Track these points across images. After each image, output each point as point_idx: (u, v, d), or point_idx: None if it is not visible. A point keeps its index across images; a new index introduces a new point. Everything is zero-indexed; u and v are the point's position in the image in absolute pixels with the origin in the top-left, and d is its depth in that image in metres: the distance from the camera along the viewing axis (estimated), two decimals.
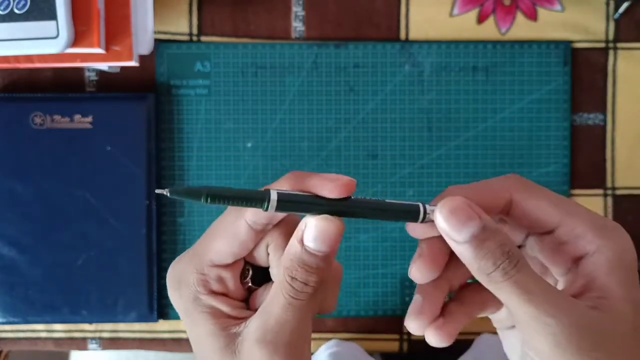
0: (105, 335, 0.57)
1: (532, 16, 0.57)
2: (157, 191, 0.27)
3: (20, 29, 0.47)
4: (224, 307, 0.30)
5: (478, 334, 0.56)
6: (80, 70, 0.56)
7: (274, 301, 0.28)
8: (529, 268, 0.26)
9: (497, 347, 0.55)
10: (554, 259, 0.29)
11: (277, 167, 0.56)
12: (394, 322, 0.58)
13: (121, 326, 0.57)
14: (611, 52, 0.57)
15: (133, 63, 0.50)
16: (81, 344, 0.57)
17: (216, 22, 0.56)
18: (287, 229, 0.30)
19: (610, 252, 0.27)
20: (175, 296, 0.31)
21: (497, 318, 0.32)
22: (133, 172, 0.54)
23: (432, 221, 0.28)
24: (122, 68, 0.55)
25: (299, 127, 0.56)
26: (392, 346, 0.58)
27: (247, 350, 0.28)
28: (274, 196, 0.27)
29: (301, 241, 0.28)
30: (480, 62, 0.56)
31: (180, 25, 0.56)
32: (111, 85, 0.56)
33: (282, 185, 0.28)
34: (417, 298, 0.30)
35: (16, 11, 0.47)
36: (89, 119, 0.54)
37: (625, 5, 0.56)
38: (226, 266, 0.30)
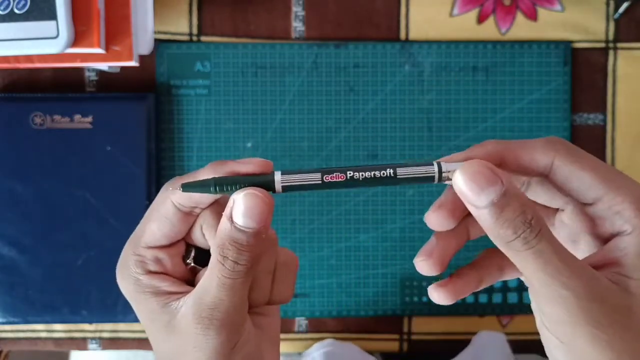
0: (105, 335, 0.57)
1: (532, 16, 0.57)
2: (171, 188, 0.28)
3: (20, 29, 0.47)
4: (164, 285, 0.30)
5: (476, 333, 0.56)
6: (80, 70, 0.56)
7: (209, 279, 0.28)
8: (550, 237, 0.25)
9: (495, 345, 0.55)
10: (590, 232, 0.28)
11: (277, 167, 0.56)
12: (394, 322, 0.58)
13: (121, 326, 0.57)
14: (611, 52, 0.57)
15: (133, 63, 0.50)
16: (81, 344, 0.57)
17: (216, 22, 0.56)
18: (219, 208, 0.30)
19: None
20: (120, 281, 0.31)
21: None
22: (133, 172, 0.54)
23: (450, 180, 0.27)
24: (122, 68, 0.55)
25: (299, 127, 0.56)
26: (392, 346, 0.58)
27: (184, 326, 0.29)
28: (277, 177, 0.28)
29: (230, 218, 0.28)
30: (480, 62, 0.56)
31: (180, 25, 0.56)
32: (111, 85, 0.56)
33: (205, 173, 0.29)
34: (432, 240, 0.29)
35: (16, 11, 0.47)
36: (89, 119, 0.54)
37: (625, 5, 0.56)
38: (163, 247, 0.30)
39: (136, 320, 0.55)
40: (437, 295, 0.29)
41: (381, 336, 0.58)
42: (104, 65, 0.51)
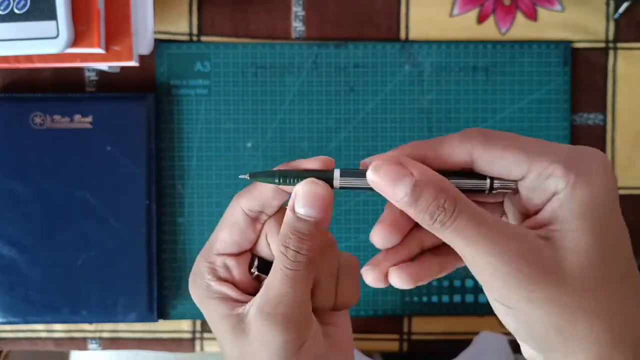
0: (105, 335, 0.57)
1: (532, 16, 0.57)
2: (241, 176, 0.30)
3: (20, 29, 0.47)
4: (232, 293, 0.31)
5: (476, 332, 0.56)
6: (80, 70, 0.56)
7: (273, 275, 0.29)
8: (467, 212, 0.27)
9: (496, 345, 0.55)
10: (528, 209, 0.28)
11: (277, 166, 0.56)
12: (394, 322, 0.58)
13: (121, 326, 0.57)
14: (611, 52, 0.57)
15: (133, 63, 0.50)
16: (81, 344, 0.57)
17: (216, 22, 0.56)
18: (283, 218, 0.31)
19: (581, 187, 0.26)
20: (192, 289, 0.32)
21: None
22: (133, 172, 0.54)
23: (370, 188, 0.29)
24: (122, 68, 0.55)
25: (299, 127, 0.56)
26: (392, 346, 0.58)
27: (251, 326, 0.29)
28: (336, 175, 0.29)
29: (293, 209, 0.29)
30: (480, 62, 0.56)
31: (180, 25, 0.56)
32: (111, 85, 0.56)
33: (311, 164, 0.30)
34: (379, 255, 0.30)
35: (16, 11, 0.47)
36: (89, 119, 0.54)
37: (625, 5, 0.56)
38: (232, 255, 0.31)
39: (136, 320, 0.55)
40: (398, 280, 0.30)
41: (381, 336, 0.58)
42: (104, 65, 0.51)
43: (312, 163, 0.30)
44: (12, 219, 0.54)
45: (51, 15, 0.47)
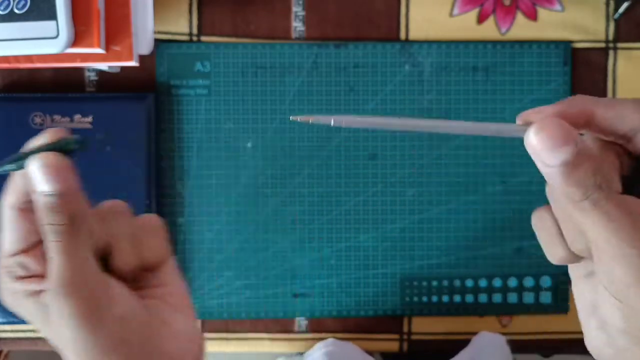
0: None
1: (532, 16, 0.57)
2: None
3: (20, 29, 0.47)
4: (35, 286, 0.30)
5: (476, 332, 0.56)
6: (80, 70, 0.56)
7: (48, 254, 0.29)
8: (619, 198, 0.26)
9: (495, 345, 0.55)
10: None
11: (277, 167, 0.56)
12: (394, 322, 0.58)
13: None
14: (611, 52, 0.57)
15: (133, 63, 0.50)
16: None
17: (216, 22, 0.56)
18: None
19: None
20: (1, 297, 0.32)
21: (575, 266, 0.30)
22: (133, 172, 0.54)
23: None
24: (122, 68, 0.55)
25: (299, 127, 0.56)
26: (392, 346, 0.58)
27: (49, 307, 0.30)
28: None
29: (34, 190, 0.29)
30: (480, 62, 0.56)
31: (180, 25, 0.56)
32: (111, 85, 0.56)
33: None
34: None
35: (16, 11, 0.47)
36: (89, 118, 0.54)
37: (625, 5, 0.56)
38: (24, 252, 0.31)
39: None
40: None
41: (381, 336, 0.58)
42: (104, 65, 0.51)
43: (39, 140, 0.30)
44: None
45: (51, 15, 0.47)
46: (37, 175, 0.29)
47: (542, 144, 0.26)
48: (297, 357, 0.58)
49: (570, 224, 0.27)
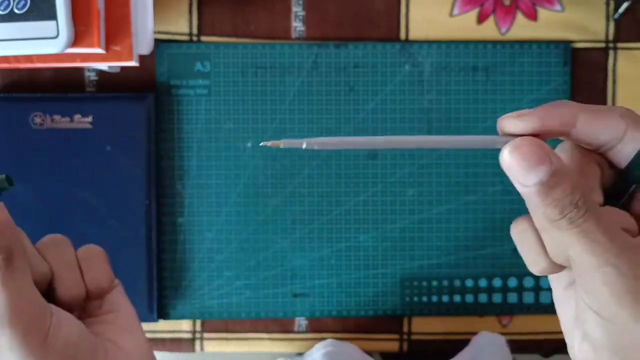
0: None
1: (532, 16, 0.57)
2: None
3: (20, 29, 0.47)
4: None
5: (475, 332, 0.56)
6: (80, 70, 0.56)
7: None
8: (597, 216, 0.25)
9: (495, 345, 0.55)
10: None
11: (277, 167, 0.56)
12: (394, 322, 0.58)
13: None
14: (611, 52, 0.57)
15: (133, 63, 0.50)
16: None
17: (216, 22, 0.56)
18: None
19: None
20: None
21: (556, 275, 0.30)
22: (133, 172, 0.54)
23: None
24: (122, 68, 0.55)
25: (299, 127, 0.56)
26: (392, 346, 0.58)
27: None
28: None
29: None
30: (480, 62, 0.56)
31: (180, 25, 0.56)
32: (111, 85, 0.56)
33: None
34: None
35: (16, 11, 0.47)
36: (89, 119, 0.54)
37: (625, 5, 0.56)
38: None
39: None
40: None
41: (381, 336, 0.58)
42: (104, 65, 0.51)
43: None
44: (12, 219, 0.54)
45: (51, 15, 0.47)
46: None
47: (516, 164, 0.25)
48: (296, 358, 0.58)
49: (550, 236, 0.26)
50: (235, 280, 0.56)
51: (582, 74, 0.57)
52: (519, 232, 0.28)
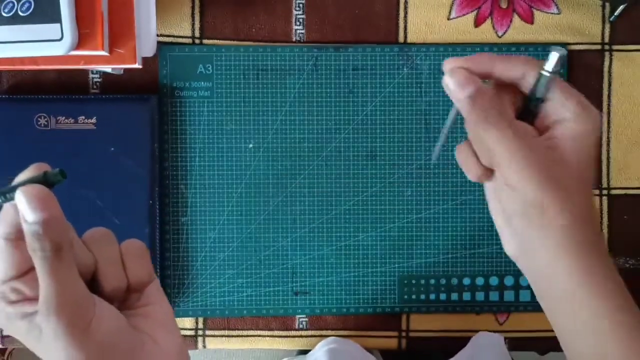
0: None
1: (529, 19, 0.58)
2: None
3: (25, 32, 0.47)
4: (29, 309, 0.32)
5: (475, 332, 0.57)
6: (84, 72, 0.57)
7: (38, 278, 0.31)
8: (510, 120, 0.37)
9: (493, 346, 0.56)
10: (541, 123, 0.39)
11: (278, 167, 0.57)
12: (393, 320, 0.58)
13: None
14: (607, 55, 0.58)
15: (136, 65, 0.50)
16: None
17: (218, 25, 0.57)
18: None
19: (584, 123, 0.38)
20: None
21: (489, 186, 0.40)
22: (136, 173, 0.55)
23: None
24: (126, 70, 0.55)
25: (299, 128, 0.57)
26: (391, 343, 0.59)
27: (41, 327, 0.31)
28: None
29: (24, 219, 0.31)
30: None
31: (183, 28, 0.57)
32: (115, 87, 0.57)
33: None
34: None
35: (20, 14, 0.48)
36: (93, 120, 0.55)
37: (621, 7, 0.57)
38: (17, 278, 0.32)
39: None
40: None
41: (380, 333, 0.59)
42: (107, 68, 0.52)
43: (25, 173, 0.32)
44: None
45: (55, 17, 0.47)
46: (24, 207, 0.30)
47: (453, 83, 0.38)
48: (300, 357, 0.59)
49: (480, 144, 0.38)
50: (236, 278, 0.57)
51: (578, 76, 0.58)
52: (460, 151, 0.40)
